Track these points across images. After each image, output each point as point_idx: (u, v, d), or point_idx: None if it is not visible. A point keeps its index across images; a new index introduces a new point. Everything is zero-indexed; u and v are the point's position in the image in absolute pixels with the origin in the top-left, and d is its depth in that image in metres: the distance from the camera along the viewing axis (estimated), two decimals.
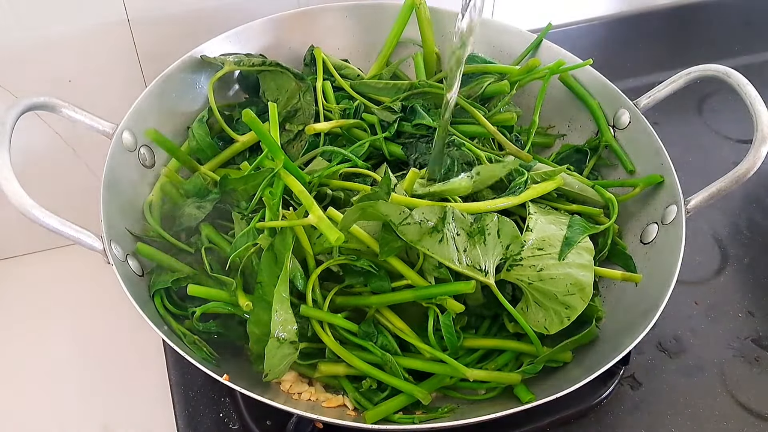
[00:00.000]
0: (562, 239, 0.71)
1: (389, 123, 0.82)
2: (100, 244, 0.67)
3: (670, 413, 0.78)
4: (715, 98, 1.10)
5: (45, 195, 0.67)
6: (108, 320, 0.92)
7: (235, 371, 0.68)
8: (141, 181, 0.79)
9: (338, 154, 0.79)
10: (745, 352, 0.83)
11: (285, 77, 0.84)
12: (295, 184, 0.68)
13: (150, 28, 0.88)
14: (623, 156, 0.84)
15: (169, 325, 0.70)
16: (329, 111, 0.84)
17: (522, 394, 0.70)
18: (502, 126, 0.83)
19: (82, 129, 0.74)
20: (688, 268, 0.88)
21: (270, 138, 0.69)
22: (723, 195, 0.74)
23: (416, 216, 0.65)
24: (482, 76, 0.86)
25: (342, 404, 0.71)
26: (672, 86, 0.82)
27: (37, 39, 0.83)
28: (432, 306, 0.69)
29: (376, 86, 0.87)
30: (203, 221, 0.76)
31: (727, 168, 0.74)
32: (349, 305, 0.72)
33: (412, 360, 0.70)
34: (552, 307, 0.70)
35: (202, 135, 0.81)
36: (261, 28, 0.87)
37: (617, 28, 1.17)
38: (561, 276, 0.69)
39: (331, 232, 0.63)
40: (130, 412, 0.87)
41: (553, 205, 0.77)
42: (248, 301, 0.68)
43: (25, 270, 1.00)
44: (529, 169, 0.76)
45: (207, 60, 0.83)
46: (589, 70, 0.86)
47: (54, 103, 0.71)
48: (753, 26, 1.22)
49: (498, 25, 0.91)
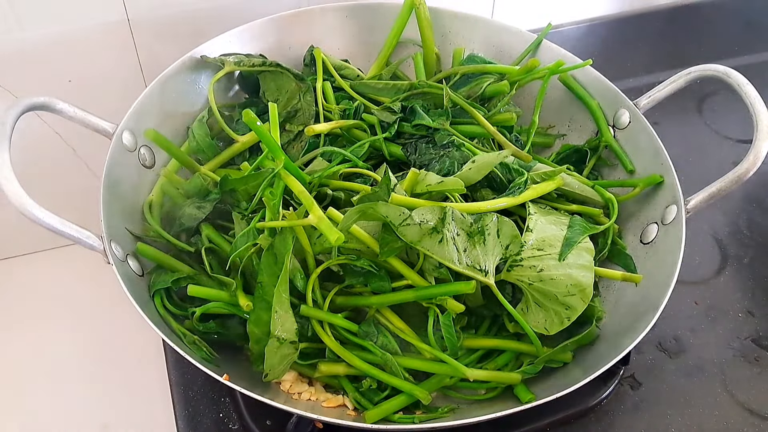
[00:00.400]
0: (563, 240, 0.71)
1: (389, 123, 0.82)
2: (100, 244, 0.67)
3: (670, 413, 0.78)
4: (715, 98, 1.10)
5: (45, 195, 0.67)
6: (108, 320, 0.92)
7: (235, 371, 0.68)
8: (141, 181, 0.79)
9: (338, 154, 0.79)
10: (745, 352, 0.83)
11: (285, 78, 0.84)
12: (296, 185, 0.68)
13: (150, 28, 0.88)
14: (623, 156, 0.84)
15: (169, 325, 0.70)
16: (329, 111, 0.84)
17: (522, 394, 0.70)
18: (501, 126, 0.83)
19: (82, 129, 0.74)
20: (688, 268, 0.88)
21: (270, 138, 0.69)
22: (723, 195, 0.74)
23: (416, 217, 0.65)
24: (482, 76, 0.86)
25: (342, 404, 0.71)
26: (672, 86, 0.82)
27: (37, 39, 0.83)
28: (432, 306, 0.69)
29: (375, 86, 0.87)
30: (203, 221, 0.76)
31: (727, 168, 0.74)
32: (349, 305, 0.72)
33: (412, 360, 0.70)
34: (552, 308, 0.70)
35: (202, 135, 0.81)
36: (261, 28, 0.87)
37: (617, 28, 1.17)
38: (561, 277, 0.69)
39: (331, 233, 0.63)
40: (130, 412, 0.87)
41: (553, 205, 0.77)
42: (248, 302, 0.68)
43: (25, 270, 1.00)
44: (529, 170, 0.76)
45: (207, 60, 0.83)
46: (589, 70, 0.86)
47: (54, 103, 0.71)
48: (753, 26, 1.22)
49: (498, 25, 0.91)
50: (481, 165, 0.74)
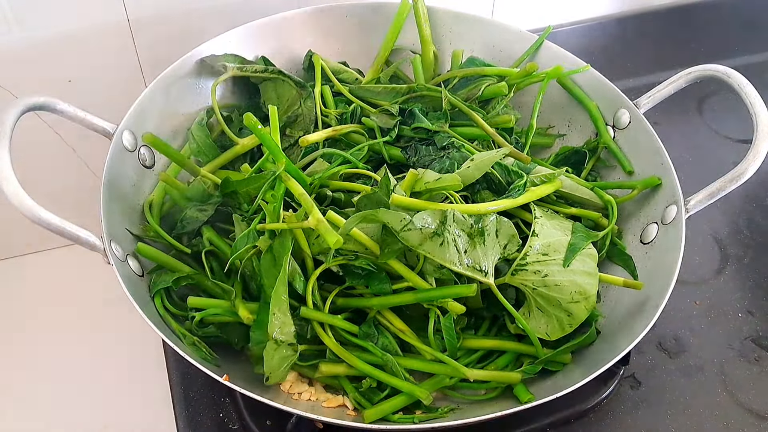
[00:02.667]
0: (567, 245, 0.71)
1: (388, 128, 0.82)
2: (100, 244, 0.67)
3: (670, 413, 0.78)
4: (715, 98, 1.10)
5: (45, 195, 0.67)
6: (108, 320, 0.92)
7: (235, 372, 0.68)
8: (141, 181, 0.79)
9: (338, 155, 0.79)
10: (745, 351, 0.83)
11: (286, 86, 0.84)
12: (296, 187, 0.68)
13: (150, 28, 0.88)
14: (622, 157, 0.84)
15: (169, 326, 0.70)
16: (327, 117, 0.84)
17: (521, 394, 0.70)
18: (501, 128, 0.83)
19: (82, 129, 0.74)
20: (688, 268, 0.88)
21: (271, 141, 0.69)
22: (723, 195, 0.74)
23: (417, 222, 0.65)
24: (481, 78, 0.86)
25: (342, 404, 0.71)
26: (672, 86, 0.82)
27: (37, 39, 0.83)
28: (433, 308, 0.69)
29: (374, 90, 0.87)
30: (205, 224, 0.76)
31: (727, 168, 0.74)
32: (349, 307, 0.72)
33: (412, 360, 0.70)
34: (555, 314, 0.70)
35: (202, 137, 0.81)
36: (261, 28, 0.87)
37: (617, 28, 1.17)
38: (566, 283, 0.69)
39: (330, 236, 0.63)
40: (130, 412, 0.87)
41: (554, 208, 0.77)
42: (249, 314, 0.68)
43: (25, 270, 1.00)
44: (528, 172, 0.76)
45: (209, 64, 0.83)
46: (589, 71, 0.86)
47: (54, 103, 0.71)
48: (753, 26, 1.22)
49: (498, 25, 0.91)
50: (480, 163, 0.74)
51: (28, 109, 0.69)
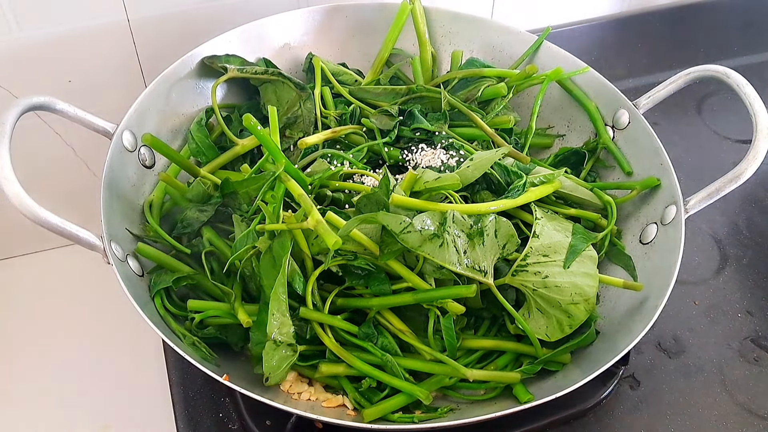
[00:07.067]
0: (567, 247, 0.71)
1: (387, 129, 0.82)
2: (100, 244, 0.67)
3: (669, 413, 0.78)
4: (715, 98, 1.10)
5: (45, 195, 0.67)
6: (108, 320, 0.92)
7: (235, 371, 0.68)
8: (141, 181, 0.79)
9: (338, 156, 0.79)
10: (745, 352, 0.83)
11: (286, 87, 0.84)
12: (295, 188, 0.68)
13: (150, 28, 0.88)
14: (621, 158, 0.84)
15: (169, 326, 0.70)
16: (326, 118, 0.84)
17: (521, 394, 0.70)
18: (500, 129, 0.83)
19: (82, 129, 0.74)
20: (688, 268, 0.88)
21: (271, 142, 0.69)
22: (722, 195, 0.74)
23: (417, 224, 0.65)
24: (480, 79, 0.86)
25: (342, 404, 0.71)
26: (672, 86, 0.82)
27: (37, 39, 0.83)
28: (433, 308, 0.69)
29: (374, 92, 0.87)
30: (205, 225, 0.76)
31: (727, 168, 0.74)
32: (349, 307, 0.72)
33: (412, 360, 0.70)
34: (555, 315, 0.70)
35: (202, 137, 0.81)
36: (261, 28, 0.87)
37: (617, 28, 1.17)
38: (566, 284, 0.69)
39: (329, 237, 0.63)
40: (130, 412, 0.87)
41: (553, 208, 0.77)
42: (248, 318, 0.68)
43: (25, 270, 1.00)
44: (528, 172, 0.76)
45: (210, 65, 0.83)
46: (589, 71, 0.86)
47: (54, 103, 0.71)
48: (753, 26, 1.22)
49: (498, 25, 0.91)
50: (479, 163, 0.74)
51: (28, 109, 0.69)
